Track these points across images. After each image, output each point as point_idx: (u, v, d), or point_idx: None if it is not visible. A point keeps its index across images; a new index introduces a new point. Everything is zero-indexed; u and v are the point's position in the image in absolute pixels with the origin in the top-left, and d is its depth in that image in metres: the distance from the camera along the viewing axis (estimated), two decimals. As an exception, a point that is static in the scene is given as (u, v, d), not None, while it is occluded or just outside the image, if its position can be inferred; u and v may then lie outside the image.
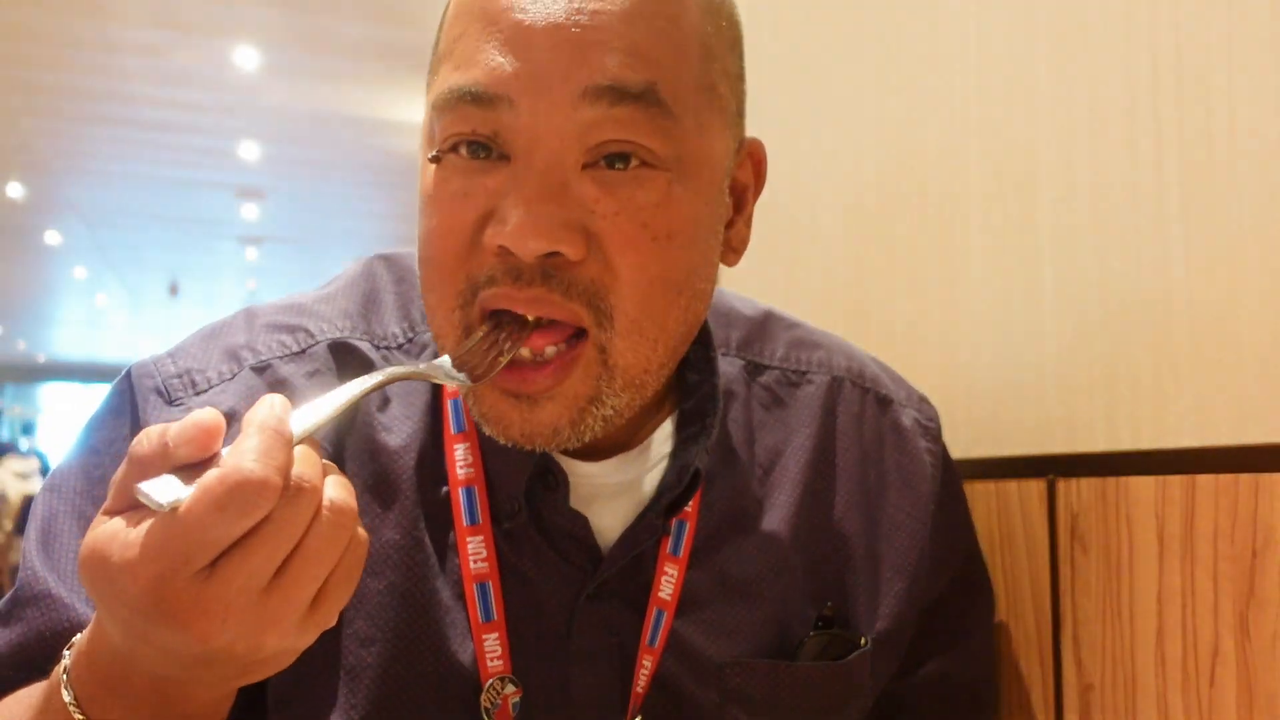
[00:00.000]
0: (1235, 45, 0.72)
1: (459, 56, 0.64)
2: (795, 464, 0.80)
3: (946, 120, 1.04)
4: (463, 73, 0.63)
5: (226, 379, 0.72)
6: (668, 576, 0.73)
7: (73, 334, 15.21)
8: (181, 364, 0.73)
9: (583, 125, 0.62)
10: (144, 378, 0.72)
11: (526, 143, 0.62)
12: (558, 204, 0.62)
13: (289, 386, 0.72)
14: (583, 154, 0.63)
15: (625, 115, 0.62)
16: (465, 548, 0.71)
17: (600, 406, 0.66)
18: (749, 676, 0.74)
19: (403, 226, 8.49)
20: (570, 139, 0.62)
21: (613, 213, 0.63)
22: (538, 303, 0.63)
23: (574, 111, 0.62)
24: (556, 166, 0.62)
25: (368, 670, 0.69)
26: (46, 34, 5.07)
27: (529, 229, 0.61)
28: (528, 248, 0.61)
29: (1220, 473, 0.71)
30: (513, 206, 0.62)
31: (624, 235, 0.63)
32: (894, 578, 0.80)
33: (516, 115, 0.62)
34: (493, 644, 0.69)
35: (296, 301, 0.78)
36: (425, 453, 0.73)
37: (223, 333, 0.75)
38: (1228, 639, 0.70)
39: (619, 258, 0.63)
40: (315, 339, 0.74)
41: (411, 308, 0.78)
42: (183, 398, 0.71)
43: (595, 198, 0.63)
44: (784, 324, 0.86)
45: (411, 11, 4.71)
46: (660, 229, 0.64)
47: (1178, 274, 0.76)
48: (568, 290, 0.63)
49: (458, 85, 0.63)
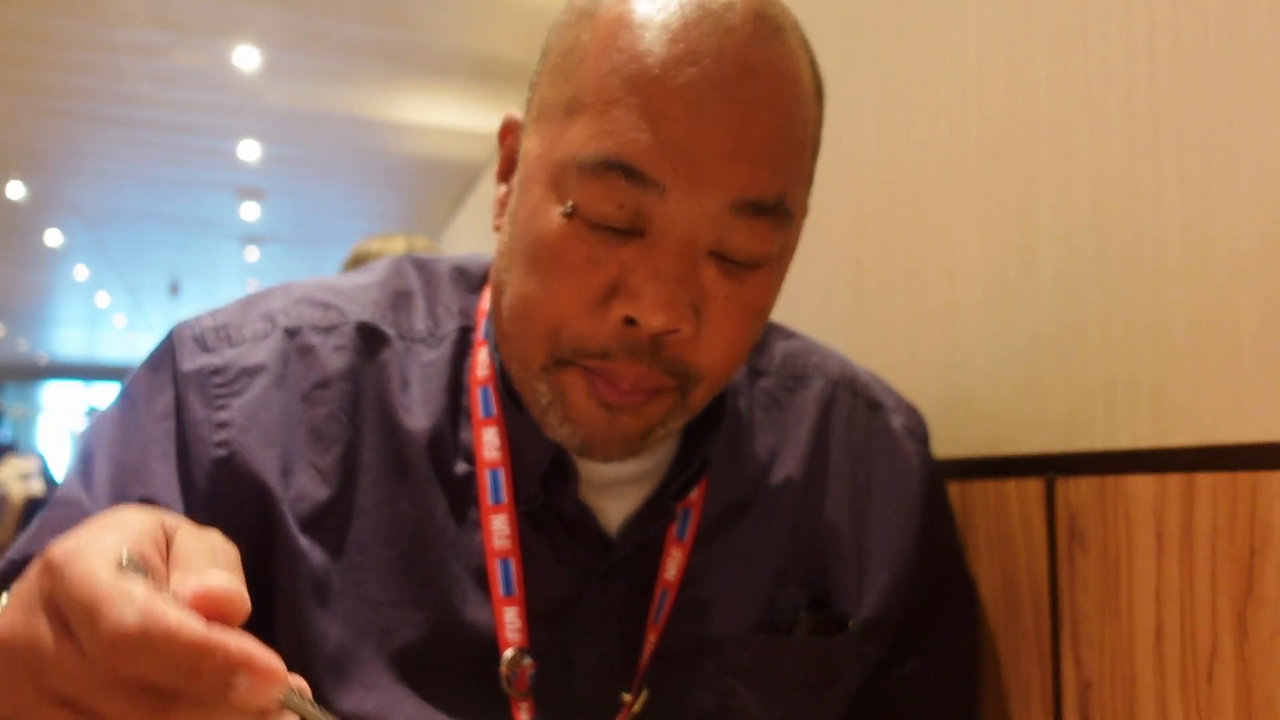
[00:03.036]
0: (1235, 45, 0.72)
1: (614, 123, 0.65)
2: (791, 460, 0.84)
3: (946, 120, 1.04)
4: (616, 142, 0.65)
5: (260, 337, 0.76)
6: (673, 559, 0.77)
7: (73, 334, 15.21)
8: (220, 320, 0.78)
9: (721, 225, 0.66)
10: (184, 329, 0.77)
11: (664, 224, 0.66)
12: (686, 285, 0.66)
13: (315, 354, 0.76)
14: (712, 244, 0.67)
15: (758, 226, 0.67)
16: (490, 525, 0.74)
17: (664, 427, 0.72)
18: (745, 650, 0.78)
19: (402, 226, 8.48)
20: (706, 232, 0.66)
21: (724, 296, 0.68)
22: (642, 379, 0.68)
23: (717, 212, 0.65)
24: (689, 250, 0.66)
25: (381, 631, 0.72)
26: (46, 34, 5.07)
27: (660, 307, 0.65)
28: (656, 323, 0.65)
29: (1219, 471, 0.71)
30: (645, 281, 0.65)
31: (728, 317, 0.68)
32: (880, 569, 0.84)
33: (664, 202, 0.65)
34: (512, 617, 0.73)
35: (332, 284, 0.81)
36: (442, 434, 0.76)
37: (261, 300, 0.80)
38: (1226, 637, 0.70)
39: (717, 335, 0.68)
40: (346, 318, 0.78)
41: (438, 308, 0.81)
42: (218, 346, 0.75)
43: (713, 280, 0.67)
44: (782, 334, 0.91)
45: (411, 12, 4.71)
46: (757, 309, 0.71)
47: (1177, 272, 0.76)
48: (668, 366, 0.68)
49: (615, 157, 0.65)
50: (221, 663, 0.38)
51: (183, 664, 0.38)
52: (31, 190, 7.86)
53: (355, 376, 0.76)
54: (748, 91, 0.65)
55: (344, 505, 0.73)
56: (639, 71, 0.65)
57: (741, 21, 0.66)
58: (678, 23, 0.65)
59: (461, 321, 0.80)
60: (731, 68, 0.65)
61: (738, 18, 0.66)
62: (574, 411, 0.69)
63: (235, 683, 0.38)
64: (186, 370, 0.74)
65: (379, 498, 0.74)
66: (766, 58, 0.67)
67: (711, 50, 0.65)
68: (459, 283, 0.83)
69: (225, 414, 0.73)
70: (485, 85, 5.43)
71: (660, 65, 0.65)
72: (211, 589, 0.41)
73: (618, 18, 0.67)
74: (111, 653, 0.39)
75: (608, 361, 0.67)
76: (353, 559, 0.73)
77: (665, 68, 0.65)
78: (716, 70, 0.65)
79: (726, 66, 0.65)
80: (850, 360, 0.92)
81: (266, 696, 0.39)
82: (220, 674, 0.38)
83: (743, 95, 0.65)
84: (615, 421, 0.69)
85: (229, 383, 0.74)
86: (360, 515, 0.74)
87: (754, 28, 0.66)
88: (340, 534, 0.73)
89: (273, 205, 8.12)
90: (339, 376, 0.76)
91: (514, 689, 0.72)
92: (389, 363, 0.77)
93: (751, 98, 0.65)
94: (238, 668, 0.39)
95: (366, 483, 0.74)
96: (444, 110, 5.91)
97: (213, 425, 0.72)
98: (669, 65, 0.65)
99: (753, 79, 0.66)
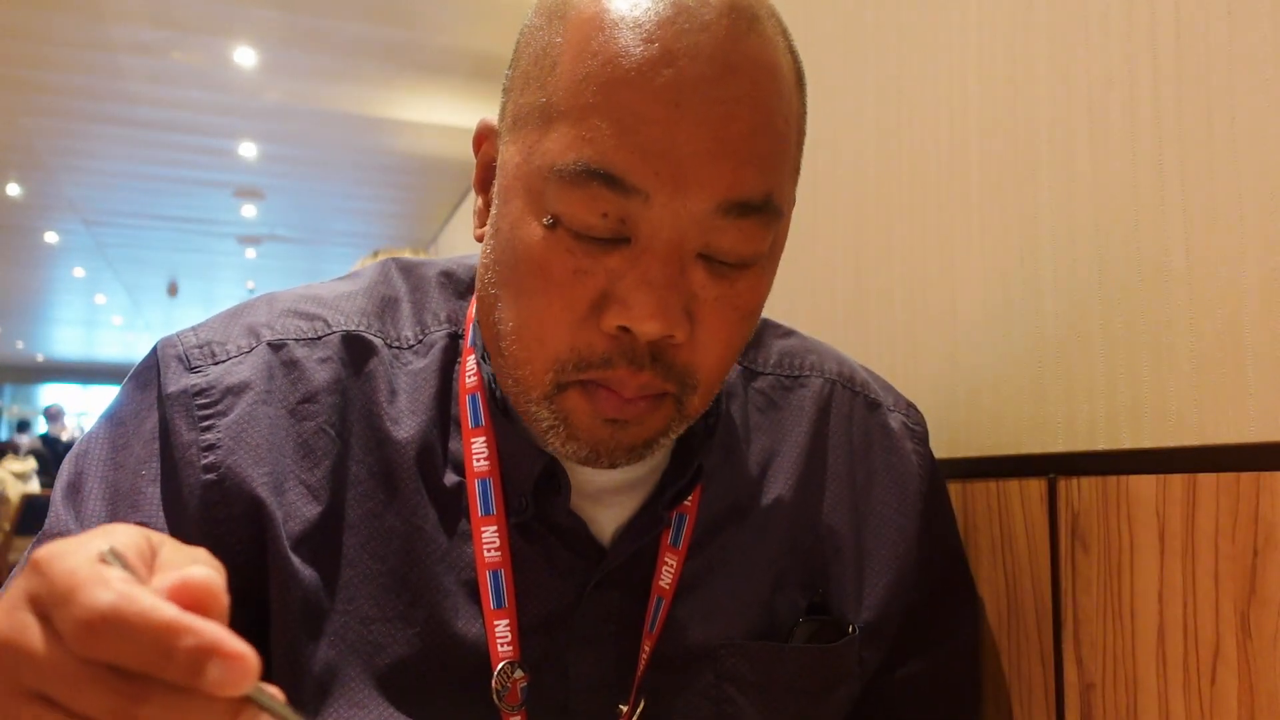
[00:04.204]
0: (1235, 45, 0.72)
1: (592, 130, 0.63)
2: (788, 462, 0.83)
3: (946, 120, 1.04)
4: (596, 150, 0.63)
5: (244, 352, 0.75)
6: (667, 566, 0.76)
7: (72, 334, 15.21)
8: (203, 336, 0.76)
9: (708, 227, 0.65)
10: (167, 347, 0.75)
11: (651, 230, 0.64)
12: (675, 290, 0.65)
13: (300, 368, 0.75)
14: (699, 246, 0.65)
15: (747, 226, 0.65)
16: (479, 536, 0.73)
17: (665, 437, 0.71)
18: (743, 658, 0.77)
19: (402, 226, 8.49)
20: (693, 235, 0.65)
21: (714, 298, 0.67)
22: (646, 387, 0.67)
23: (704, 215, 0.64)
24: (676, 254, 0.65)
25: (371, 648, 0.71)
26: (44, 33, 5.07)
27: (652, 314, 0.64)
28: (650, 331, 0.64)
29: (1221, 471, 0.71)
30: (634, 289, 0.64)
31: (720, 318, 0.67)
32: (880, 571, 0.83)
33: (649, 208, 0.63)
34: (503, 630, 0.72)
35: (316, 293, 0.80)
36: (431, 445, 0.75)
37: (244, 313, 0.78)
38: (1229, 638, 0.70)
39: (710, 337, 0.67)
40: (331, 329, 0.77)
41: (425, 314, 0.80)
42: (202, 365, 0.74)
43: (703, 283, 0.66)
44: (778, 332, 0.89)
45: (411, 10, 4.71)
46: (748, 308, 0.69)
47: (1178, 272, 0.76)
48: (668, 372, 0.67)
49: (595, 165, 0.63)
50: (193, 644, 0.38)
51: (155, 646, 0.38)
52: (29, 189, 7.86)
53: (342, 389, 0.75)
54: (728, 89, 0.63)
55: (334, 521, 0.72)
56: (615, 75, 0.63)
57: (717, 16, 0.64)
58: (651, 21, 0.63)
59: (450, 328, 0.79)
60: (710, 65, 0.63)
61: (713, 12, 0.64)
62: (578, 432, 0.68)
63: (207, 670, 0.38)
64: (171, 392, 0.72)
65: (368, 512, 0.73)
66: (745, 52, 0.64)
67: (688, 49, 0.63)
68: (446, 288, 0.82)
69: (212, 435, 0.71)
70: (484, 84, 5.43)
71: (636, 68, 0.62)
72: (189, 579, 0.41)
73: (590, 19, 0.65)
74: (85, 633, 0.39)
75: (610, 370, 0.66)
76: (343, 575, 0.71)
77: (641, 70, 0.62)
78: (694, 69, 0.62)
79: (704, 64, 0.63)
80: (848, 357, 0.91)
81: (237, 686, 0.39)
82: (192, 657, 0.38)
83: (723, 94, 0.63)
84: (619, 434, 0.68)
85: (214, 403, 0.72)
86: (350, 530, 0.72)
87: (730, 21, 0.64)
88: (331, 551, 0.72)
89: (271, 205, 8.12)
90: (325, 390, 0.74)
91: (505, 703, 0.71)
92: (376, 373, 0.76)
93: (732, 96, 0.63)
94: (210, 653, 0.38)
95: (355, 497, 0.73)
96: (443, 109, 5.91)
97: (200, 448, 0.71)
98: (645, 67, 0.62)
99: (732, 76, 0.63)
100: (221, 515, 0.70)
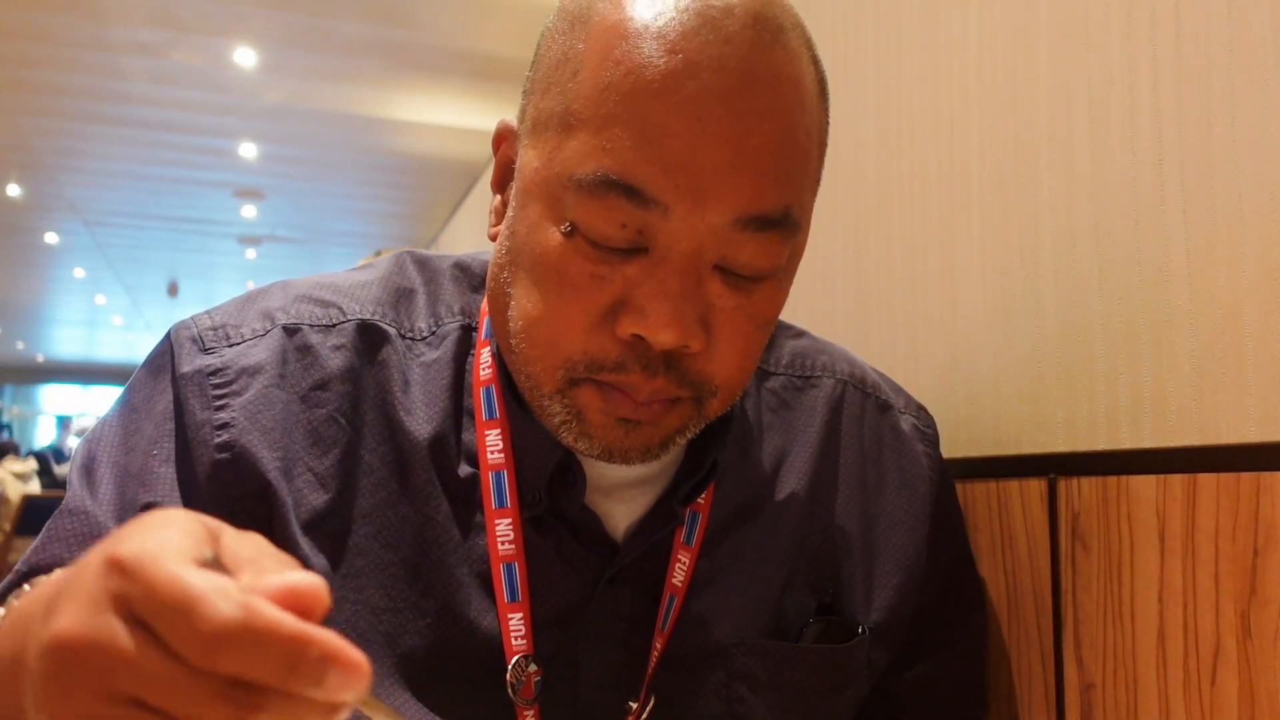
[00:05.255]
0: (1235, 45, 0.72)
1: (613, 140, 0.63)
2: (800, 462, 0.83)
3: (947, 120, 1.04)
4: (616, 161, 0.63)
5: (259, 335, 0.75)
6: (680, 563, 0.76)
7: (72, 334, 15.20)
8: (218, 319, 0.76)
9: (726, 240, 0.65)
10: (181, 330, 0.76)
11: (669, 241, 0.64)
12: (691, 301, 0.65)
13: (314, 353, 0.75)
14: (717, 258, 0.66)
15: (765, 239, 0.65)
16: (493, 529, 0.73)
17: (683, 435, 0.71)
18: (754, 657, 0.77)
19: (402, 226, 8.49)
20: (711, 247, 0.65)
21: (731, 308, 0.67)
22: (658, 392, 0.67)
23: (722, 228, 0.64)
24: (693, 266, 0.65)
25: (385, 638, 0.71)
26: (44, 33, 5.07)
27: (667, 324, 0.64)
28: (665, 341, 0.64)
29: (1221, 471, 0.71)
30: (650, 298, 0.64)
31: (736, 328, 0.67)
32: (890, 572, 0.83)
33: (667, 220, 0.63)
34: (517, 623, 0.72)
35: (331, 281, 0.80)
36: (444, 436, 0.75)
37: (259, 298, 0.79)
38: (1229, 638, 0.70)
39: (727, 347, 0.67)
40: (346, 316, 0.77)
41: (439, 306, 0.80)
42: (216, 346, 0.74)
43: (719, 294, 0.66)
44: (790, 332, 0.89)
45: (410, 10, 4.71)
46: (765, 319, 0.69)
47: (1178, 272, 0.76)
48: (682, 380, 0.67)
49: (614, 175, 0.63)
50: (318, 656, 0.38)
51: (283, 659, 0.38)
52: (29, 190, 7.86)
53: (355, 377, 0.75)
54: (750, 102, 0.63)
55: (343, 510, 0.72)
56: (637, 86, 0.62)
57: (741, 28, 0.64)
58: (675, 32, 0.63)
59: (464, 320, 0.79)
60: (732, 78, 0.63)
61: (737, 24, 0.64)
62: (590, 428, 0.68)
63: (327, 678, 0.38)
64: (185, 372, 0.73)
65: (380, 501, 0.73)
66: (768, 64, 0.64)
67: (711, 61, 0.62)
68: (460, 280, 0.82)
69: (226, 414, 0.71)
70: (484, 84, 5.43)
71: (659, 79, 0.62)
72: (296, 585, 0.40)
73: (612, 26, 0.64)
74: (213, 648, 0.38)
75: (623, 374, 0.66)
76: (353, 564, 0.71)
77: (664, 82, 0.62)
78: (717, 82, 0.62)
79: (727, 77, 0.62)
80: (859, 359, 0.91)
81: (352, 692, 0.39)
82: (316, 668, 0.38)
83: (745, 107, 0.63)
84: (633, 433, 0.68)
85: (229, 383, 0.72)
86: (360, 519, 0.72)
87: (754, 33, 0.64)
88: (339, 539, 0.72)
89: (271, 205, 8.12)
90: (338, 377, 0.74)
91: (520, 696, 0.71)
92: (390, 362, 0.76)
93: (754, 109, 0.63)
94: (331, 662, 0.38)
95: (367, 486, 0.73)
96: (443, 109, 5.91)
97: (213, 427, 0.71)
98: (668, 79, 0.62)
99: (755, 89, 0.63)
100: (234, 494, 0.70)
